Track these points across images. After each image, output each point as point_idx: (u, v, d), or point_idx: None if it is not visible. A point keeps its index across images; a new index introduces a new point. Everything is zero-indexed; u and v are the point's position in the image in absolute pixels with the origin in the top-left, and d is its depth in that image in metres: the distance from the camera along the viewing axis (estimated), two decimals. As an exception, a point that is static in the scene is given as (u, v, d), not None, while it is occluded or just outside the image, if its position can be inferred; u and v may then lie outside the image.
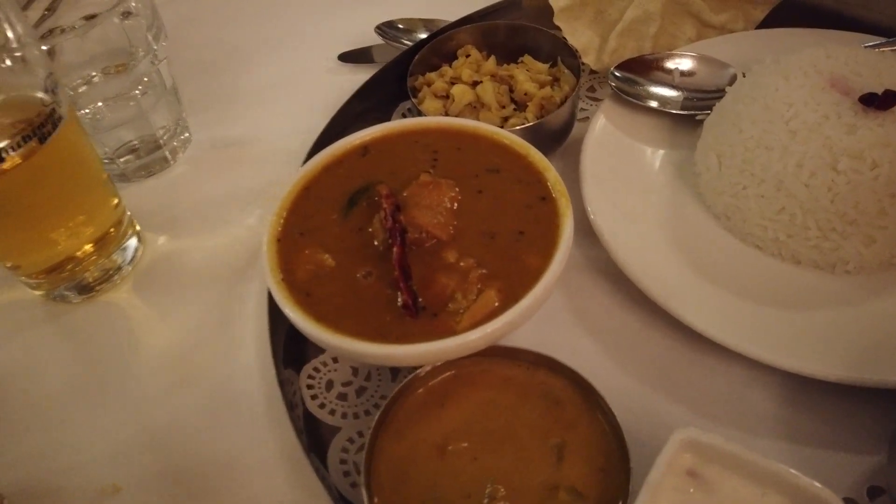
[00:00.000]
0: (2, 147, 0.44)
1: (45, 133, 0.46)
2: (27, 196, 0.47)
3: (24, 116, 0.47)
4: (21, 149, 0.45)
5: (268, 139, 0.66)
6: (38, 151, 0.45)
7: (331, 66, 0.72)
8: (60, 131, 0.47)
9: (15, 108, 0.47)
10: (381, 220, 0.44)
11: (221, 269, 0.56)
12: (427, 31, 0.68)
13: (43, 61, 0.46)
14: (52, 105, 0.46)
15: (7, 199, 0.47)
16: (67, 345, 0.53)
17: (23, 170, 0.45)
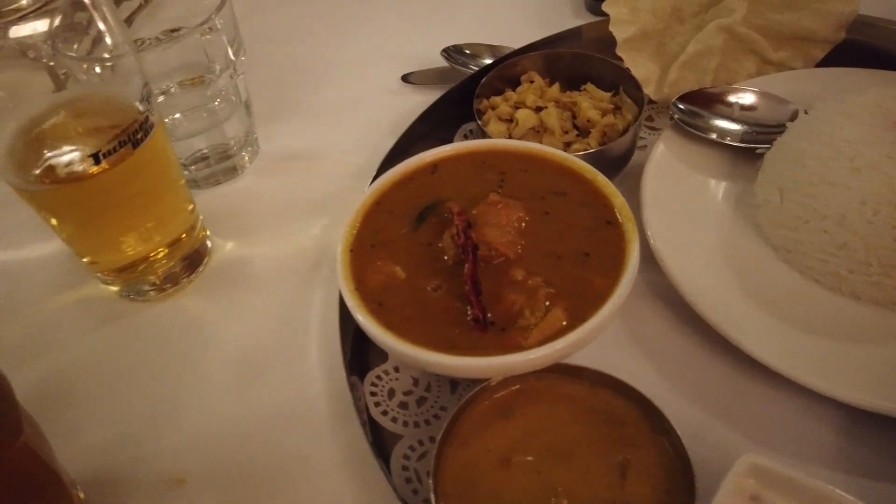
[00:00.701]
0: (100, 151, 0.47)
1: (138, 139, 0.48)
2: (115, 197, 0.50)
3: (118, 121, 0.49)
4: (116, 153, 0.47)
5: (333, 153, 0.68)
6: (130, 156, 0.48)
7: (393, 87, 0.75)
8: (151, 138, 0.49)
9: (110, 113, 0.50)
10: (452, 236, 0.46)
11: (287, 276, 0.58)
12: (492, 57, 0.70)
13: (139, 70, 0.49)
14: (146, 113, 0.49)
15: (96, 199, 0.50)
16: (139, 341, 0.55)
17: (115, 172, 0.48)
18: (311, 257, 0.59)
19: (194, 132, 0.63)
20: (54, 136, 0.49)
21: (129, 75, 0.49)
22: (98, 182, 0.48)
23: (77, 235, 0.53)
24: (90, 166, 0.47)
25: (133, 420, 0.51)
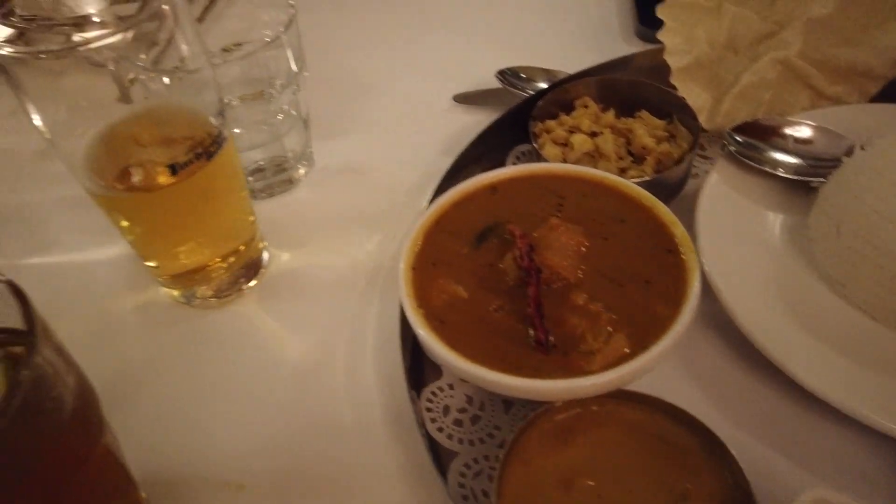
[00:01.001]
0: (177, 162, 0.48)
1: (212, 152, 0.50)
2: (186, 207, 0.52)
3: (193, 134, 0.51)
4: (191, 165, 0.49)
5: (386, 169, 0.69)
6: (203, 168, 0.50)
7: (444, 106, 0.76)
8: (222, 150, 0.51)
9: (186, 125, 0.51)
10: (514, 258, 0.47)
11: (342, 290, 0.59)
12: (547, 81, 0.71)
13: (215, 84, 0.51)
14: (220, 127, 0.51)
15: (168, 208, 0.51)
16: (198, 346, 0.57)
17: (188, 184, 0.49)
18: (366, 271, 0.60)
19: (254, 145, 0.65)
20: (131, 145, 0.51)
21: (205, 89, 0.50)
22: (172, 192, 0.49)
23: (144, 241, 0.55)
24: (166, 177, 0.49)
25: (192, 424, 0.52)
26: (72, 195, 0.69)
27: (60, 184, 0.71)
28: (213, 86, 0.50)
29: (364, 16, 0.88)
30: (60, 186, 0.71)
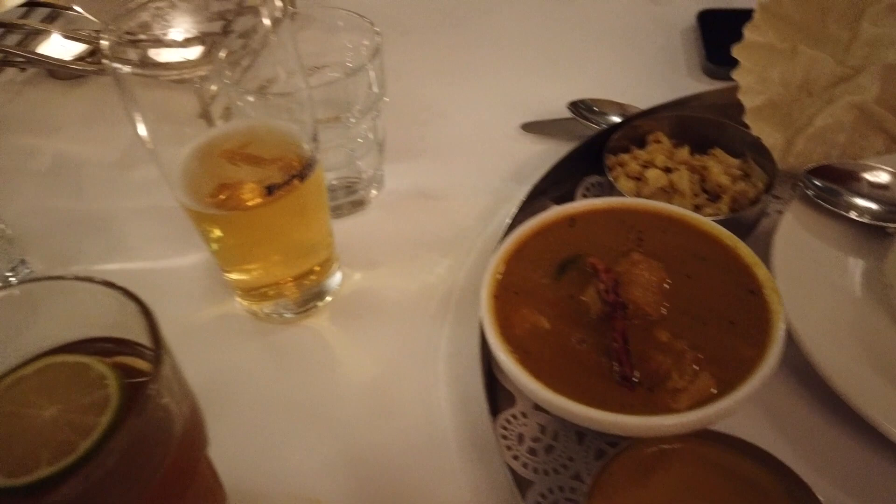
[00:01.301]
0: (274, 184, 0.50)
1: (305, 174, 0.51)
2: (275, 225, 0.53)
3: (285, 154, 0.53)
4: (286, 186, 0.50)
5: (455, 194, 0.71)
6: (296, 190, 0.51)
7: (511, 134, 0.77)
8: (314, 173, 0.53)
9: (280, 146, 0.53)
10: (599, 292, 0.48)
11: (414, 312, 0.60)
12: (619, 114, 0.72)
13: (310, 108, 0.52)
14: (312, 150, 0.52)
15: (259, 226, 0.53)
16: (273, 360, 0.58)
17: (281, 204, 0.51)
18: (438, 295, 0.61)
19: (328, 167, 0.66)
20: (225, 162, 0.52)
21: (301, 111, 0.52)
22: (265, 212, 0.51)
23: (229, 254, 0.57)
24: (261, 197, 0.50)
25: (264, 436, 0.53)
26: (150, 205, 0.72)
27: (139, 193, 0.73)
28: (309, 109, 0.52)
29: (436, 41, 0.89)
30: (139, 196, 0.73)
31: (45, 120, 0.84)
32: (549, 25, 0.93)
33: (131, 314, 0.38)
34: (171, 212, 0.71)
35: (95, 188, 0.75)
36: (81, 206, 0.73)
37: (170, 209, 0.71)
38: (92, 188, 0.75)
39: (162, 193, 0.73)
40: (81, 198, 0.74)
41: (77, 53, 0.89)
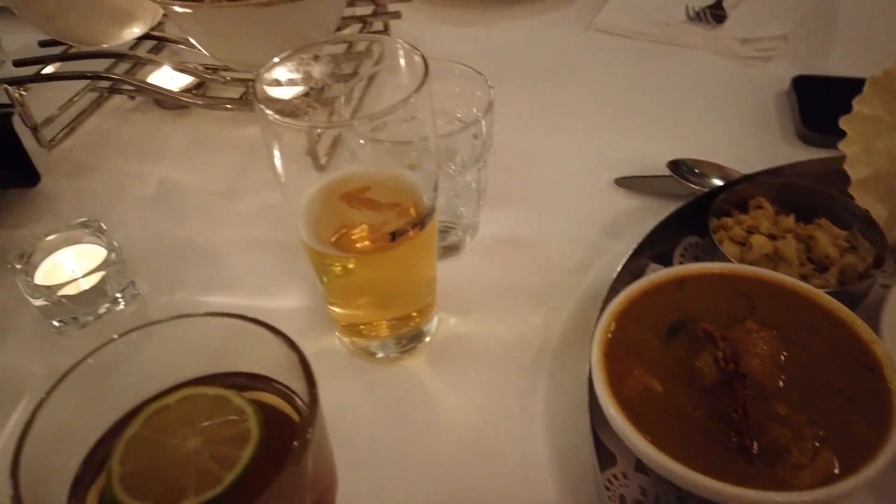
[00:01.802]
0: (397, 230, 0.51)
1: (425, 222, 0.53)
2: (392, 270, 0.55)
3: (400, 200, 0.55)
4: (407, 233, 0.52)
5: (548, 244, 0.71)
6: (416, 237, 0.53)
7: (604, 187, 0.78)
8: (432, 220, 0.54)
9: (403, 192, 0.55)
10: (716, 360, 0.48)
11: (509, 361, 0.61)
12: (719, 177, 0.72)
13: (436, 157, 0.54)
14: (432, 200, 0.54)
15: (376, 270, 0.54)
16: (367, 398, 0.59)
17: (400, 249, 0.52)
18: (534, 345, 0.62)
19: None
20: (347, 206, 0.54)
21: (426, 159, 0.54)
22: (383, 257, 0.53)
23: (339, 292, 0.58)
24: (383, 242, 0.52)
25: (362, 475, 0.54)
26: (251, 236, 0.75)
27: (241, 224, 0.76)
28: (434, 158, 0.54)
29: (529, 90, 0.91)
30: (241, 227, 0.76)
31: (151, 147, 0.88)
32: (640, 80, 0.94)
33: (279, 352, 0.39)
34: (271, 244, 0.74)
35: (199, 216, 0.78)
36: (185, 232, 0.76)
37: (270, 241, 0.74)
38: (195, 216, 0.78)
39: (263, 225, 0.76)
40: (185, 225, 0.77)
41: (184, 85, 0.93)
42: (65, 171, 0.85)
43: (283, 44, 0.77)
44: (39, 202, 0.81)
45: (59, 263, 0.67)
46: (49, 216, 0.79)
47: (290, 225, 0.56)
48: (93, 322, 0.66)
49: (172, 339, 0.41)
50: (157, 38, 0.97)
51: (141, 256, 0.72)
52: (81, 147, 0.89)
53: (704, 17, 0.97)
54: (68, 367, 0.58)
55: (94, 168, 0.85)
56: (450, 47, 1.02)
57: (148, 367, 0.41)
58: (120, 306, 0.67)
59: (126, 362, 0.40)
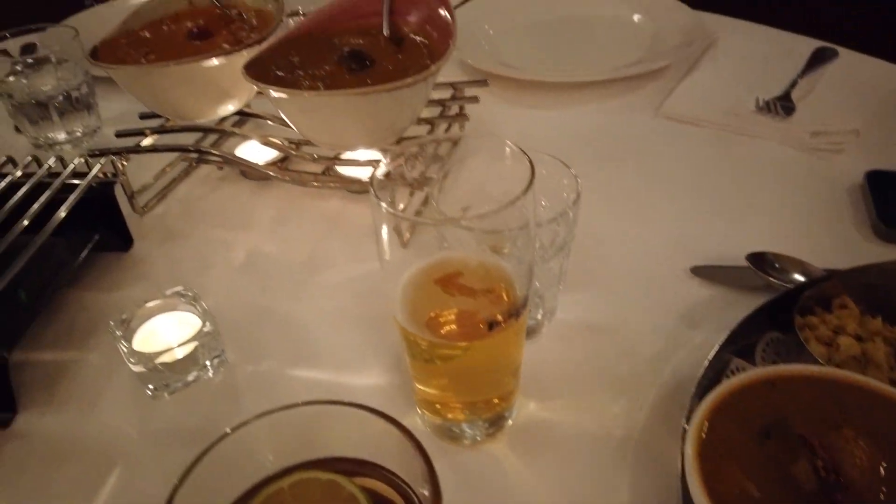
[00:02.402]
0: (496, 320, 0.53)
1: (520, 312, 0.55)
2: (486, 357, 0.56)
3: (493, 287, 0.56)
4: (503, 323, 0.54)
5: (624, 332, 0.72)
6: (511, 326, 0.54)
7: (680, 274, 0.79)
8: (525, 309, 0.56)
9: (490, 279, 0.57)
10: (816, 468, 0.47)
11: (591, 451, 0.61)
12: (800, 273, 0.73)
13: (533, 247, 0.56)
14: (527, 288, 0.56)
15: (467, 355, 0.56)
16: (451, 482, 0.59)
17: (495, 338, 0.54)
18: (616, 436, 0.62)
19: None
20: (442, 290, 0.56)
21: (525, 249, 0.55)
22: (478, 345, 0.54)
23: (427, 374, 0.60)
24: (481, 331, 0.54)
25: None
26: (334, 309, 0.77)
27: (324, 297, 0.79)
28: (532, 248, 0.55)
29: (605, 172, 0.92)
30: (324, 300, 0.78)
31: (238, 216, 0.93)
32: (711, 168, 0.96)
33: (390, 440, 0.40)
34: (353, 317, 0.76)
35: (283, 286, 0.81)
36: (271, 302, 0.79)
37: (352, 314, 0.77)
38: (280, 286, 0.81)
39: (344, 298, 0.79)
40: (271, 294, 0.80)
41: (269, 159, 0.98)
42: (156, 237, 0.89)
43: (374, 127, 0.82)
44: (132, 266, 0.85)
45: (156, 330, 0.70)
46: (142, 280, 0.83)
47: (384, 302, 0.58)
48: (182, 388, 0.69)
49: (285, 425, 0.43)
50: (245, 114, 1.02)
51: (228, 324, 0.74)
52: (172, 214, 0.94)
53: (774, 109, 0.99)
54: (166, 437, 0.61)
55: (184, 235, 0.90)
56: (521, 129, 1.06)
57: (260, 453, 0.43)
58: (209, 374, 0.70)
59: (240, 449, 0.42)
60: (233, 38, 0.89)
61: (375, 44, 0.85)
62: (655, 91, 1.12)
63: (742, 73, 1.10)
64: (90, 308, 0.79)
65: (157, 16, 0.96)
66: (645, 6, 1.30)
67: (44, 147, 1.11)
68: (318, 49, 0.86)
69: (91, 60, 0.84)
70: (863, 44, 1.16)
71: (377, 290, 0.79)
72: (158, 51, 0.88)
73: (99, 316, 0.77)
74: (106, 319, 0.76)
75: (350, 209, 0.92)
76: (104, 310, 0.78)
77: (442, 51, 0.79)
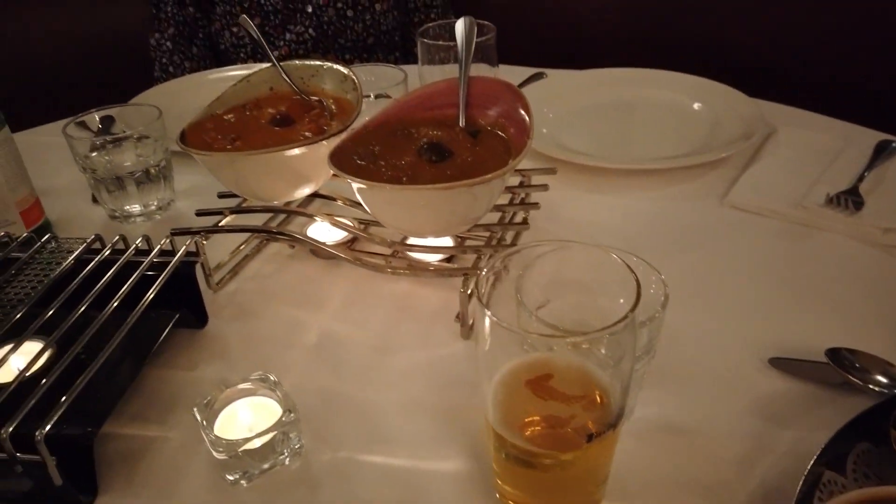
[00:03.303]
0: (595, 432, 0.53)
1: (616, 423, 0.54)
2: (576, 465, 0.56)
3: (587, 392, 0.56)
4: (601, 434, 0.53)
5: (706, 432, 0.71)
6: (608, 437, 0.54)
7: (758, 366, 0.78)
8: (622, 420, 0.55)
9: (582, 385, 0.56)
10: None
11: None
12: (880, 373, 0.72)
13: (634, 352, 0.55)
14: (624, 397, 0.55)
15: (561, 464, 0.55)
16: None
17: (590, 449, 0.54)
18: (705, 549, 0.60)
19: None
20: (533, 394, 0.56)
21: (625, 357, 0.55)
22: (574, 456, 0.54)
23: (515, 476, 0.59)
24: (576, 441, 0.53)
25: None
26: (410, 397, 0.77)
27: (399, 383, 0.79)
28: (632, 353, 0.55)
29: (673, 261, 0.90)
30: (399, 386, 0.79)
31: (309, 295, 0.94)
32: (781, 260, 0.95)
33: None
34: (428, 404, 0.76)
35: (357, 370, 0.81)
36: (344, 386, 0.79)
37: (426, 401, 0.77)
38: (354, 369, 0.81)
39: (417, 384, 0.79)
40: (344, 378, 0.80)
41: (338, 239, 1.00)
42: (229, 315, 0.91)
43: (451, 218, 0.84)
44: (208, 344, 0.86)
45: (237, 415, 0.71)
46: (218, 359, 0.84)
47: (458, 391, 0.57)
48: (258, 476, 0.69)
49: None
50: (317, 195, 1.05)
51: (303, 408, 0.74)
52: (244, 291, 0.96)
53: (843, 203, 0.99)
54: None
55: (257, 313, 0.92)
56: (587, 214, 1.07)
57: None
58: (286, 461, 0.70)
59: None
60: (315, 125, 0.92)
61: (452, 135, 0.88)
62: (718, 178, 1.13)
63: (806, 164, 1.11)
64: (169, 385, 0.80)
65: (241, 101, 1.00)
66: (704, 94, 1.32)
67: (120, 218, 1.15)
68: (396, 139, 0.89)
69: (182, 146, 0.88)
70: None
71: (451, 378, 0.80)
72: (244, 136, 0.91)
73: (178, 394, 0.79)
74: (185, 398, 0.78)
75: (419, 292, 0.93)
76: (183, 388, 0.80)
77: (519, 147, 0.81)
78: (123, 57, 2.09)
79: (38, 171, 1.11)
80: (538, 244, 0.62)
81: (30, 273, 0.83)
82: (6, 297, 0.80)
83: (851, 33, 1.71)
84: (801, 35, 1.78)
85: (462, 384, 0.77)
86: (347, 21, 1.86)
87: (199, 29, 1.92)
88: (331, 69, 1.01)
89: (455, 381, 0.79)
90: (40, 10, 2.05)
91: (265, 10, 1.83)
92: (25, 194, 1.05)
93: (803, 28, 1.77)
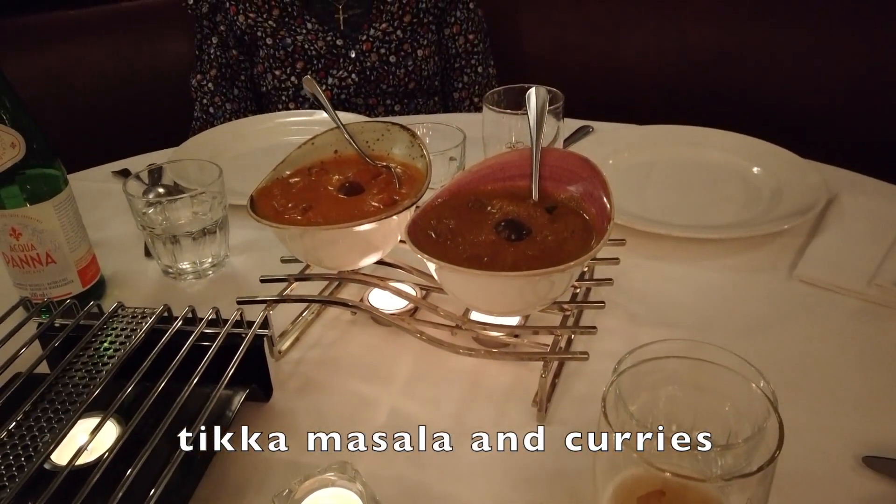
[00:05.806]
0: None
1: None
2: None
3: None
4: None
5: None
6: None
7: (851, 464, 0.75)
8: None
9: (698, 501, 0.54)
10: None
11: None
12: None
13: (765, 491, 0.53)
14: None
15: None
16: None
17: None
18: None
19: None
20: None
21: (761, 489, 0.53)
22: None
23: None
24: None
25: None
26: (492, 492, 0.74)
27: (478, 473, 0.76)
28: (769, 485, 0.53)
29: (745, 340, 0.87)
30: (479, 476, 0.76)
31: (373, 366, 0.92)
32: (859, 344, 0.92)
33: None
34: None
35: (434, 457, 0.78)
36: (423, 476, 0.76)
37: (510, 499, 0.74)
38: (431, 457, 0.78)
39: (498, 478, 0.76)
40: (422, 467, 0.77)
41: (399, 308, 0.98)
42: (294, 387, 0.89)
43: (529, 299, 0.82)
44: (275, 420, 0.84)
45: (317, 508, 0.68)
46: (287, 438, 0.81)
47: (540, 487, 0.55)
48: (338, 572, 0.66)
49: None
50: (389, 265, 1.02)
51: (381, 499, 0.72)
52: (308, 361, 0.94)
53: (921, 282, 0.97)
54: None
55: (322, 385, 0.89)
56: (655, 285, 1.04)
57: None
58: (365, 558, 0.67)
59: None
60: (386, 196, 0.91)
61: (528, 210, 0.86)
62: (783, 247, 1.11)
63: (874, 236, 1.08)
64: (239, 467, 0.78)
65: (306, 163, 0.99)
66: (763, 158, 1.30)
67: (173, 274, 1.13)
68: (470, 212, 0.87)
69: (254, 216, 0.86)
70: None
71: (532, 470, 0.77)
72: (314, 205, 0.90)
73: (249, 478, 0.76)
74: (256, 482, 0.76)
75: (486, 367, 0.91)
76: (253, 472, 0.77)
77: (601, 231, 0.80)
78: (165, 95, 2.10)
79: (90, 220, 1.09)
80: (665, 343, 0.61)
81: (99, 346, 0.81)
82: (77, 369, 0.78)
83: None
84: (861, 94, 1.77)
85: (544, 479, 0.75)
86: (390, 67, 1.86)
87: (241, 71, 1.93)
88: (397, 132, 1.00)
89: (537, 474, 0.76)
90: (83, 49, 2.07)
91: (308, 54, 1.84)
92: (84, 252, 1.04)
93: (859, 83, 1.76)
